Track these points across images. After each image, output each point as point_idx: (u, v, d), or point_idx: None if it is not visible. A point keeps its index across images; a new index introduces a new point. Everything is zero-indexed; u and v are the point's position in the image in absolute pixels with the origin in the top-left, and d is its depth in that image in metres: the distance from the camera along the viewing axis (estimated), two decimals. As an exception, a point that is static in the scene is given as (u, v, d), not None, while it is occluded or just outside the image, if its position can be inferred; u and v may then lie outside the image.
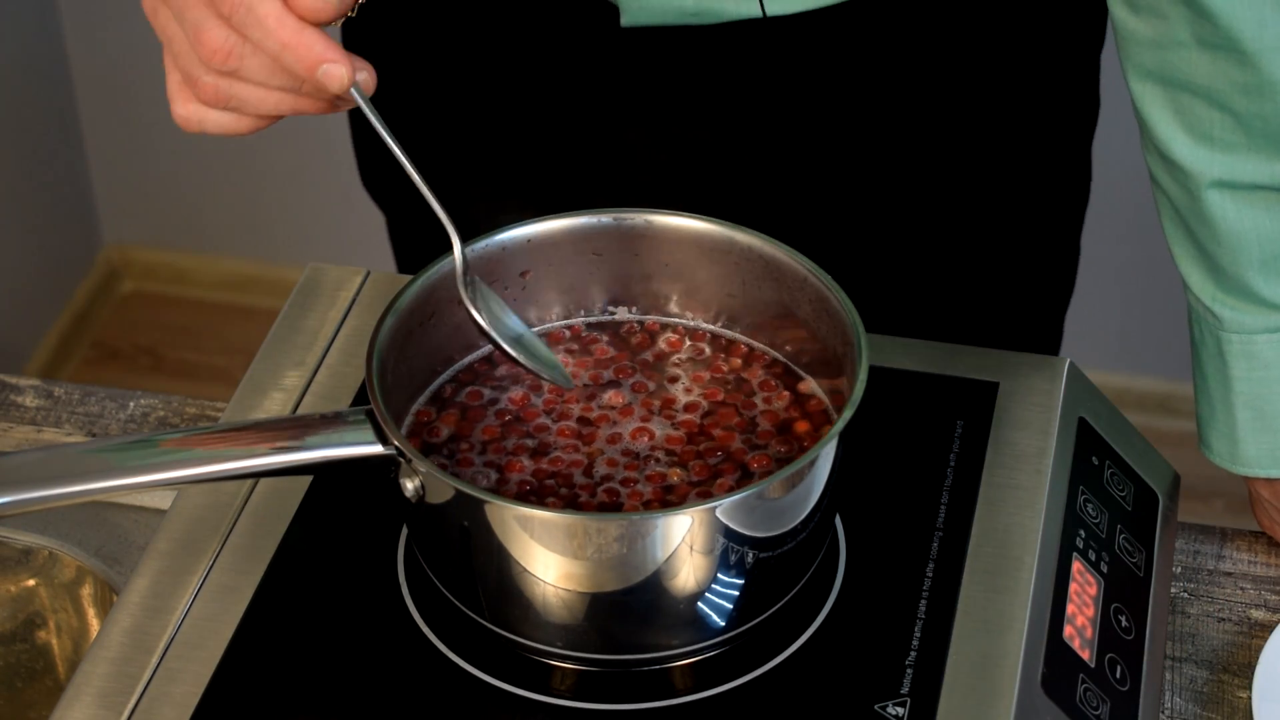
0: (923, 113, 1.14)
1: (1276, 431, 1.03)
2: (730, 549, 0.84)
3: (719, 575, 0.85)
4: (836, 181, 1.16)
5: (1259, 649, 0.99)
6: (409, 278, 0.93)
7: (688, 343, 0.97)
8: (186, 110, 0.87)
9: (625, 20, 1.05)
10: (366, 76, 0.86)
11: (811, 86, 1.11)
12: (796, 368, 0.95)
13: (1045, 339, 1.30)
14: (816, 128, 1.13)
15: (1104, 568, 0.96)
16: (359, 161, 1.32)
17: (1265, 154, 0.98)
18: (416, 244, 1.27)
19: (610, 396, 0.94)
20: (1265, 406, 1.03)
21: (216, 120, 0.87)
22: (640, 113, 1.13)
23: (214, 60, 0.84)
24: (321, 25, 0.85)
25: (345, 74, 0.84)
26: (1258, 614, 1.01)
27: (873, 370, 0.87)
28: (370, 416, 0.86)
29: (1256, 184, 0.99)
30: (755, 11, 1.04)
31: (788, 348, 0.96)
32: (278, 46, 0.83)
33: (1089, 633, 0.92)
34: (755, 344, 0.97)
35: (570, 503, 0.88)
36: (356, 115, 1.22)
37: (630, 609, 0.85)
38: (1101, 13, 1.18)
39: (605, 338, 0.97)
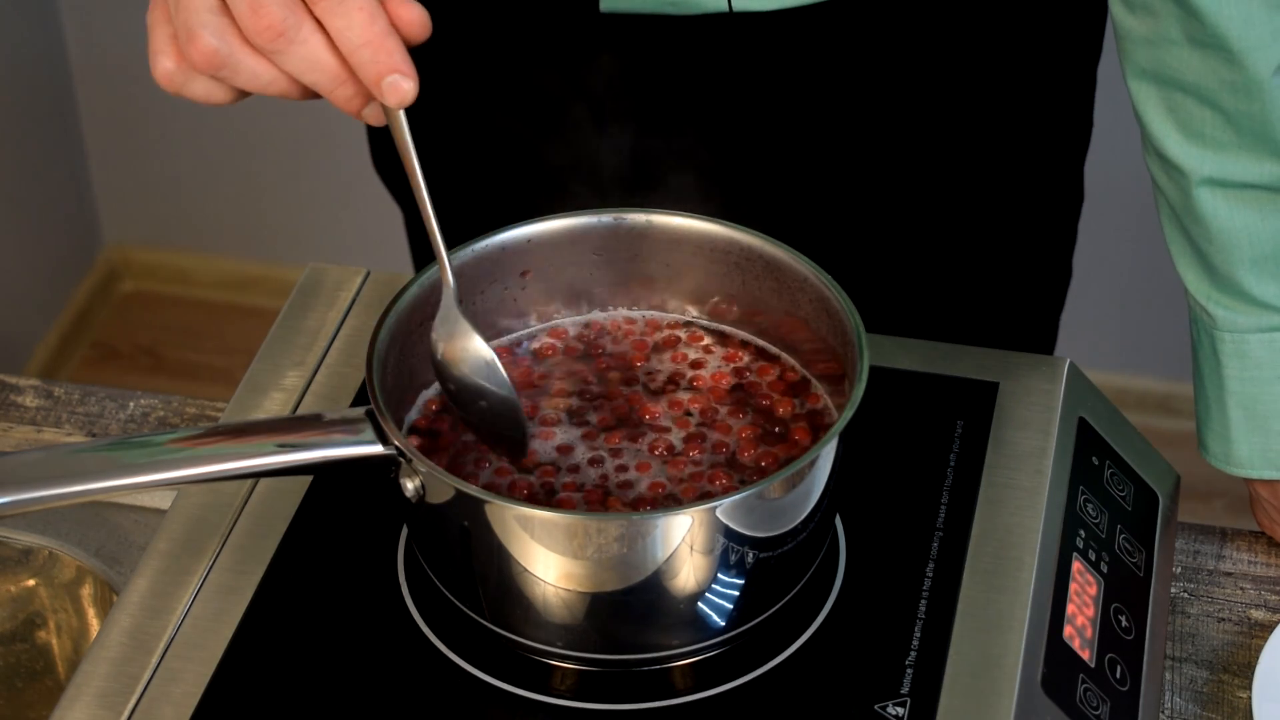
0: (921, 117, 1.15)
1: (1268, 432, 1.03)
2: (730, 549, 0.84)
3: (719, 575, 0.85)
4: (836, 182, 1.16)
5: (1259, 649, 0.99)
6: (409, 277, 0.93)
7: (687, 342, 0.97)
8: (173, 66, 0.83)
9: (604, 5, 1.05)
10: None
11: (810, 87, 1.11)
12: (797, 367, 0.95)
13: (1040, 340, 1.31)
14: (816, 129, 1.13)
15: (1104, 568, 0.96)
16: (372, 150, 1.30)
17: (1255, 152, 0.99)
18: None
19: (609, 395, 0.94)
20: (1257, 406, 1.03)
21: (202, 86, 0.84)
22: (636, 110, 1.13)
23: (263, 36, 0.80)
24: (408, 43, 0.82)
25: (412, 91, 0.81)
26: (1258, 614, 1.01)
27: (873, 370, 0.87)
28: (370, 416, 0.86)
29: (1246, 183, 0.99)
30: (722, 6, 1.04)
31: (788, 348, 0.96)
32: (358, 42, 0.80)
33: (1089, 633, 0.92)
34: (755, 344, 0.97)
35: (568, 502, 0.88)
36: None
37: (630, 609, 0.85)
38: (1098, 25, 1.18)
39: (605, 337, 0.97)
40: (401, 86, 0.81)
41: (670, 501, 0.88)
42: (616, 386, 0.94)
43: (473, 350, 0.89)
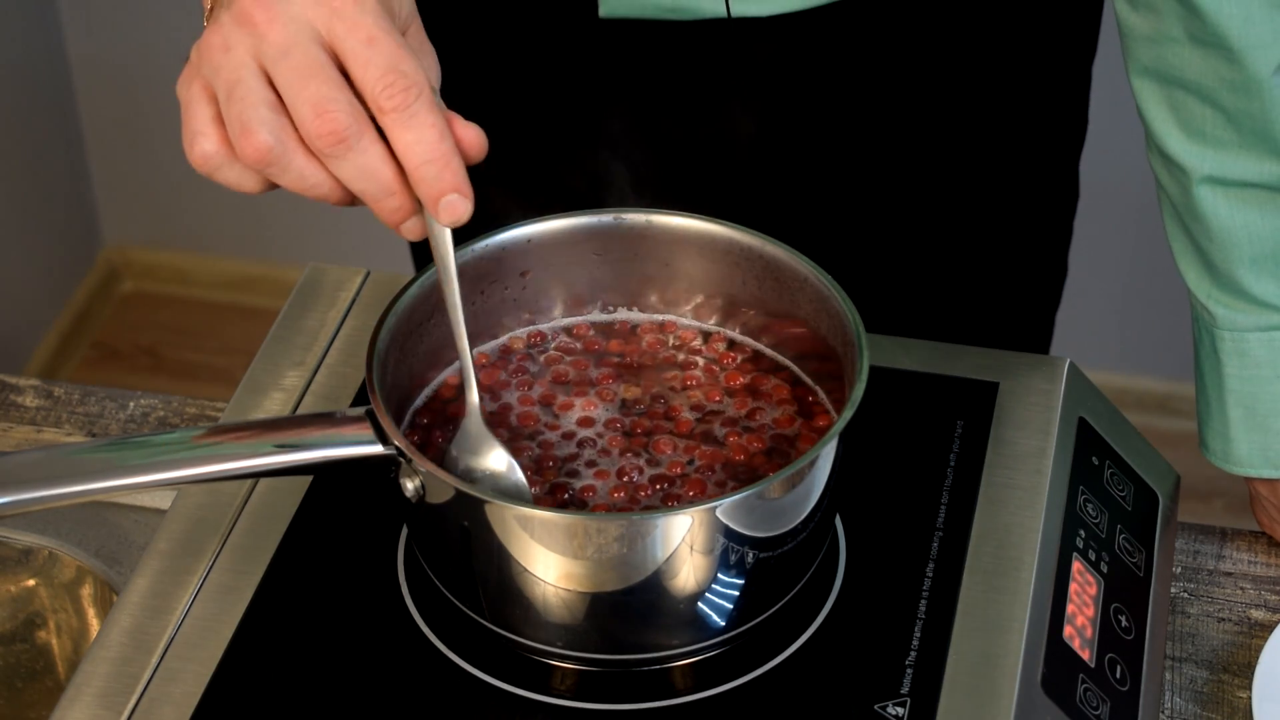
0: (918, 116, 1.15)
1: (1267, 430, 1.03)
2: (730, 549, 0.84)
3: (719, 575, 0.85)
4: (835, 182, 1.17)
5: (1259, 649, 0.99)
6: (409, 277, 0.93)
7: (687, 343, 0.97)
8: (214, 149, 0.79)
9: (603, 11, 1.05)
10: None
11: (808, 90, 1.11)
12: (796, 368, 0.95)
13: (1037, 337, 1.31)
14: (814, 131, 1.13)
15: (1104, 568, 0.96)
16: None
17: (1255, 151, 0.99)
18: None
19: (609, 396, 0.94)
20: (1256, 405, 1.03)
21: (235, 173, 0.80)
22: (635, 114, 1.13)
23: (324, 140, 0.77)
24: (465, 163, 0.80)
25: (467, 213, 0.79)
26: (1258, 614, 1.01)
27: (873, 370, 0.87)
28: (370, 416, 0.86)
29: (1246, 181, 1.00)
30: (721, 11, 1.04)
31: (788, 348, 0.96)
32: (426, 157, 0.78)
33: (1089, 633, 0.92)
34: (755, 344, 0.97)
35: (569, 502, 0.88)
36: None
37: (630, 609, 0.85)
38: (1093, 22, 1.19)
39: (604, 338, 0.97)
40: (459, 207, 0.79)
41: (669, 501, 0.88)
42: (680, 408, 0.93)
43: (495, 468, 0.87)
